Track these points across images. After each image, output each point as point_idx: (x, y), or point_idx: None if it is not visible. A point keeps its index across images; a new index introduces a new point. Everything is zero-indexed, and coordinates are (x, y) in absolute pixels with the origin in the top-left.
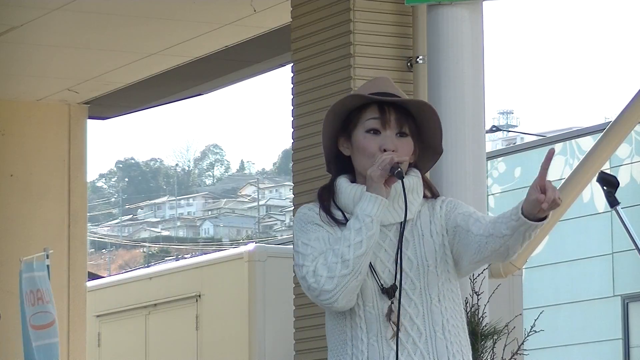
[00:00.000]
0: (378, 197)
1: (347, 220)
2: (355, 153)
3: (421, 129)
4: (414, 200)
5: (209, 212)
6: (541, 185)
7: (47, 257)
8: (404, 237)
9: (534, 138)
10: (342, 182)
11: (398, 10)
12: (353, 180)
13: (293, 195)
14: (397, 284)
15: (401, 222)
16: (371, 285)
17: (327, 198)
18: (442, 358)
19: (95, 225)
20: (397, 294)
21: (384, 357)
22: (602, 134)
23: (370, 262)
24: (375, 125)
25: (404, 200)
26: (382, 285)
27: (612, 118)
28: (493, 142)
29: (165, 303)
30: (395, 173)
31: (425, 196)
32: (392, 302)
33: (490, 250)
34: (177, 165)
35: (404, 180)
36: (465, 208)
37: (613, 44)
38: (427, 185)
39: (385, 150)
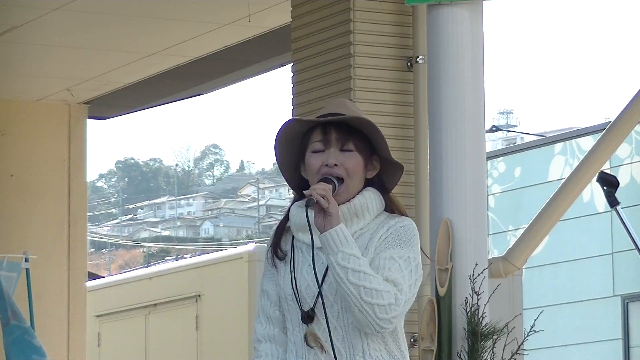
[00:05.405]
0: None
1: (293, 247)
2: (307, 173)
3: (374, 144)
4: (354, 223)
5: (209, 212)
6: None
7: (26, 261)
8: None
9: (534, 138)
10: (292, 209)
11: (398, 10)
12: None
13: (293, 195)
14: (315, 307)
15: None
16: (296, 310)
17: (283, 224)
18: None
19: (95, 225)
20: (316, 317)
21: None
22: (602, 134)
23: (297, 286)
24: (319, 147)
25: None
26: (302, 310)
27: (612, 118)
28: (493, 142)
29: (165, 303)
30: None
31: (391, 211)
32: (307, 326)
33: None
34: (177, 165)
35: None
36: (390, 256)
37: (613, 43)
38: (391, 202)
39: (327, 165)
